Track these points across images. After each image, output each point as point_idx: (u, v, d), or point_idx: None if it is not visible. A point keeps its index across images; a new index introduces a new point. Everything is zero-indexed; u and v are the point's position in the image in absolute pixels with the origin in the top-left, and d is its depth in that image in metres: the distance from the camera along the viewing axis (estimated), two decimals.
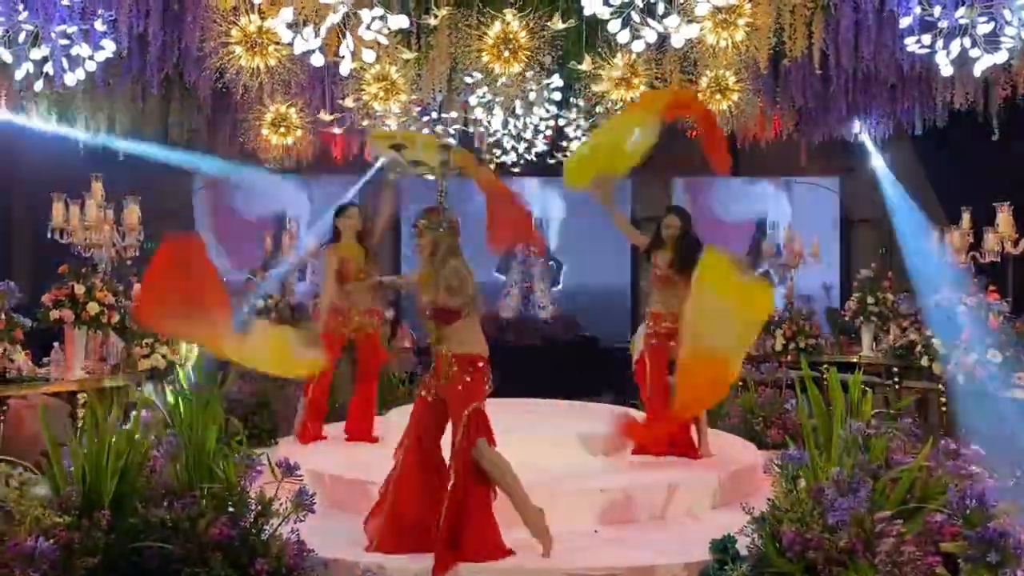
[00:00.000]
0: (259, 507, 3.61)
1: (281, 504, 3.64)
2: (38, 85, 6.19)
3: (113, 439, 3.50)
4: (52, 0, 5.75)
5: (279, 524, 3.60)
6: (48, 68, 6.09)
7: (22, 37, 5.94)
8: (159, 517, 3.45)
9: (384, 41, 4.99)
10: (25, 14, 5.85)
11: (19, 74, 6.12)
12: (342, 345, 6.21)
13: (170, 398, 4.81)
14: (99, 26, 6.13)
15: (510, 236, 5.55)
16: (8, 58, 5.97)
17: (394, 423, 6.01)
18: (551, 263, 13.45)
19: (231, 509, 3.57)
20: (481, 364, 4.18)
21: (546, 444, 5.36)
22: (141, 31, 6.74)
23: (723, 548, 3.79)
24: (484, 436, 4.09)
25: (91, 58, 6.16)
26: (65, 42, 6.02)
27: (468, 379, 4.11)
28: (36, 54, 5.99)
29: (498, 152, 8.83)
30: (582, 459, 5.34)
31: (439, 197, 4.62)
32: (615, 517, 4.71)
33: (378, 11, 4.72)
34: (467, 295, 4.10)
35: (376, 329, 6.32)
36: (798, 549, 3.31)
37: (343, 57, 4.98)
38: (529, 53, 5.96)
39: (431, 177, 7.12)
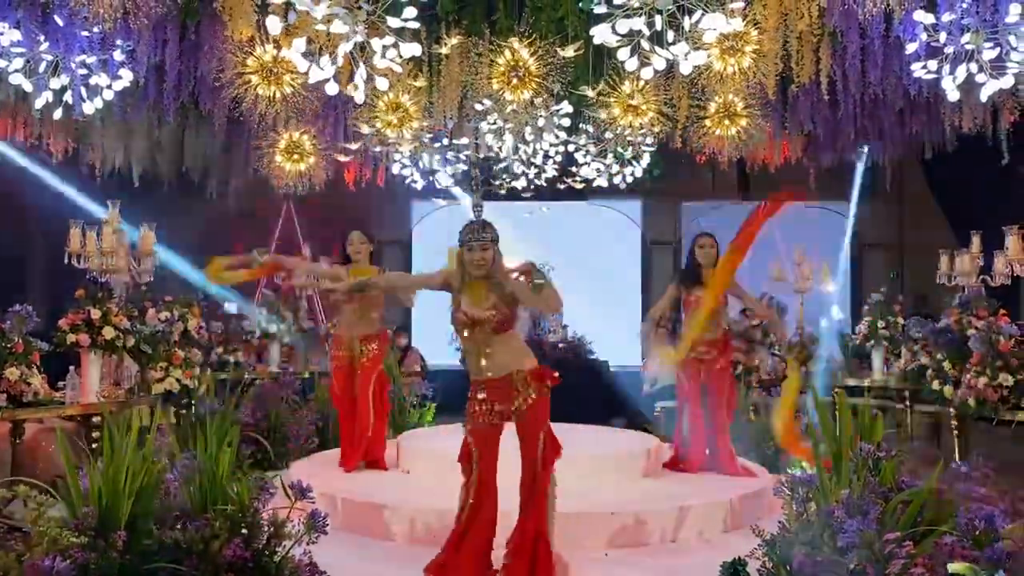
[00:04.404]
0: (272, 529, 3.64)
1: (294, 526, 3.66)
2: (57, 114, 6.33)
3: (129, 461, 3.54)
4: (72, 31, 5.88)
5: (292, 546, 3.62)
6: (67, 97, 6.23)
7: (42, 67, 6.08)
8: (173, 539, 3.48)
9: (398, 69, 5.09)
10: (46, 45, 6.00)
11: (39, 103, 6.26)
12: (350, 372, 6.02)
13: (184, 421, 4.86)
14: (117, 56, 6.27)
15: None
16: (28, 87, 6.10)
17: (406, 447, 6.05)
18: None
19: (244, 531, 3.60)
20: (550, 379, 4.15)
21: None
22: (158, 61, 6.88)
23: (734, 571, 3.79)
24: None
25: (109, 87, 6.30)
26: (84, 72, 6.16)
27: (544, 395, 4.09)
28: (56, 83, 6.13)
29: (508, 178, 8.92)
30: (592, 482, 5.35)
31: (478, 213, 4.62)
32: (626, 540, 4.71)
33: (389, 40, 4.82)
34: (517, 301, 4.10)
35: (376, 355, 6.08)
36: (808, 572, 3.31)
37: (357, 87, 5.09)
38: (538, 80, 6.06)
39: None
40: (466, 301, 4.08)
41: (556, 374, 4.20)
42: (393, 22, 4.70)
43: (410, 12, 4.71)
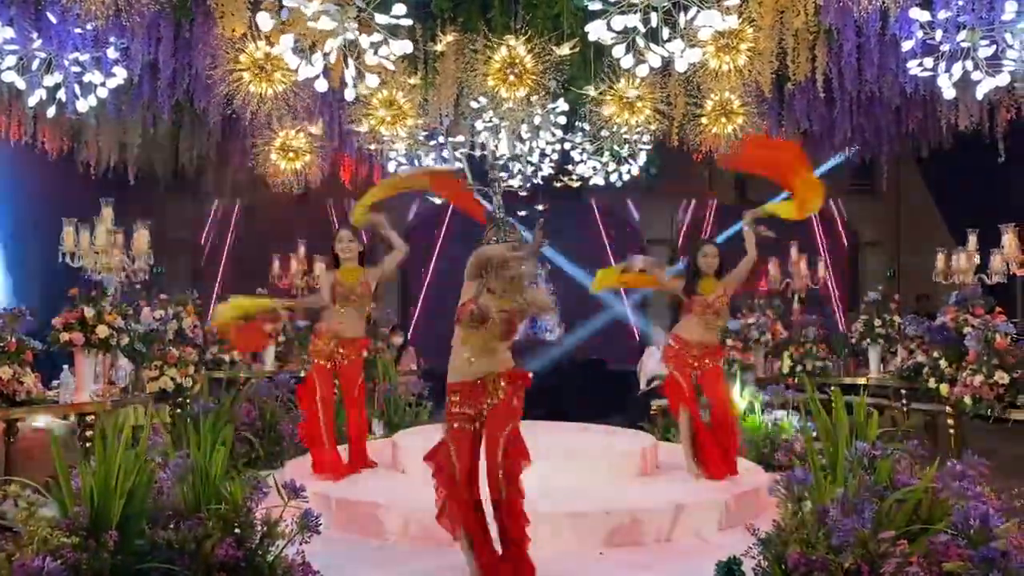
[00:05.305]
0: (265, 528, 3.62)
1: (287, 526, 3.64)
2: (51, 111, 6.31)
3: (121, 461, 3.52)
4: (66, 28, 5.86)
5: (284, 545, 3.60)
6: (61, 94, 6.21)
7: (35, 64, 6.06)
8: (165, 538, 3.46)
9: (391, 66, 5.06)
10: (39, 42, 5.97)
11: (32, 100, 6.24)
12: (331, 372, 5.84)
13: (178, 420, 4.83)
14: (111, 54, 6.25)
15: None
16: (22, 85, 6.08)
17: (402, 446, 6.03)
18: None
19: (237, 530, 3.58)
20: (523, 379, 4.07)
21: (552, 466, 5.35)
22: (152, 58, 6.85)
23: (729, 570, 3.77)
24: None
25: (103, 84, 6.28)
26: (77, 69, 6.14)
27: (512, 396, 3.98)
28: (49, 81, 6.11)
29: (504, 175, 8.89)
30: (588, 481, 5.33)
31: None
32: (621, 540, 4.69)
33: (377, 36, 4.78)
34: None
35: (358, 359, 5.91)
36: (803, 570, 3.30)
37: (347, 85, 5.06)
38: (534, 78, 6.03)
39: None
40: (488, 299, 3.95)
41: (529, 375, 4.08)
42: (382, 19, 4.67)
43: (400, 9, 4.68)
